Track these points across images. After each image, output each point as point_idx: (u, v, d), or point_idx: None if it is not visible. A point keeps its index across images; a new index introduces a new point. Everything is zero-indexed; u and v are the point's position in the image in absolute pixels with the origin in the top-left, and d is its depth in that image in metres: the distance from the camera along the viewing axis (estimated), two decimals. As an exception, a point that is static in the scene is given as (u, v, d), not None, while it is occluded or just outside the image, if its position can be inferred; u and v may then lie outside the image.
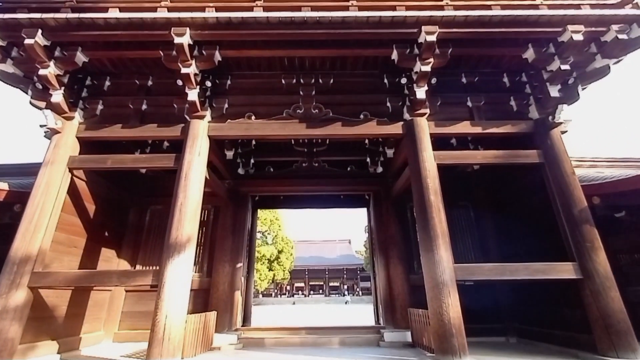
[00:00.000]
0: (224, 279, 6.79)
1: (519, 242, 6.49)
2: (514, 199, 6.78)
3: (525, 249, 6.25)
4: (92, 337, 6.10)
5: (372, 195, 7.96)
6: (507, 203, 7.03)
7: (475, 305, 5.47)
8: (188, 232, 4.78)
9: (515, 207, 6.73)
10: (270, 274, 37.43)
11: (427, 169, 5.14)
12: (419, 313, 5.48)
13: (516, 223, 6.70)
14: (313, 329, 6.55)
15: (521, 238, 6.47)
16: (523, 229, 6.44)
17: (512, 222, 6.84)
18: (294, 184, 7.76)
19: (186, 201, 4.92)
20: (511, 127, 5.61)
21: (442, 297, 4.39)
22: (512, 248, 6.66)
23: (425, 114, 5.58)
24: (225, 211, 7.43)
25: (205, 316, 5.51)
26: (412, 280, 6.93)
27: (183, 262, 4.60)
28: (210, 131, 5.57)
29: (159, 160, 5.42)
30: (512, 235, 6.74)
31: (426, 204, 4.93)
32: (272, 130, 5.61)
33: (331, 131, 5.61)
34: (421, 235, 4.87)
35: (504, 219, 7.12)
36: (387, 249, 7.16)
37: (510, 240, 6.79)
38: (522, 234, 6.45)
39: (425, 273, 4.70)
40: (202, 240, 7.34)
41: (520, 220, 6.55)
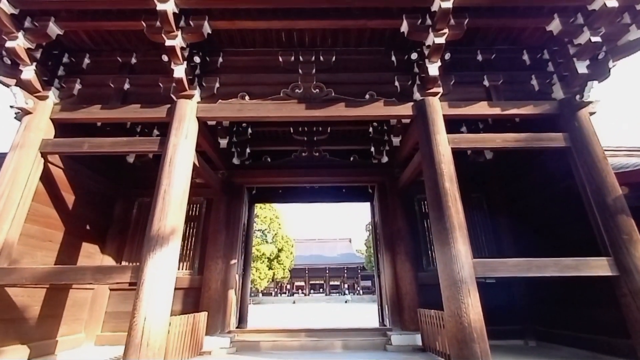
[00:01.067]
0: (217, 276, 6.25)
1: (539, 236, 5.94)
2: (532, 189, 6.23)
3: (546, 243, 5.69)
4: (71, 340, 5.56)
5: (376, 187, 7.41)
6: (524, 194, 6.48)
7: (488, 304, 4.87)
8: (172, 223, 4.23)
9: (533, 198, 6.18)
10: (270, 273, 37.03)
11: (442, 154, 4.59)
12: (431, 314, 4.93)
13: (535, 215, 6.15)
14: (313, 331, 6.01)
15: (541, 232, 5.93)
16: (543, 221, 5.89)
17: (530, 214, 6.29)
18: (293, 174, 7.21)
19: (170, 189, 4.37)
20: (533, 108, 5.05)
21: (461, 296, 3.84)
22: (531, 243, 6.11)
23: (437, 94, 5.03)
24: (219, 204, 6.88)
25: (193, 317, 4.97)
26: (421, 278, 6.40)
27: (166, 257, 4.06)
28: (199, 112, 5.02)
29: (141, 144, 4.86)
30: (531, 228, 6.19)
31: (441, 192, 4.37)
32: (268, 111, 5.06)
33: (333, 112, 5.05)
34: (435, 227, 4.31)
35: (521, 211, 6.57)
36: (393, 245, 6.61)
37: (528, 235, 6.24)
38: (542, 228, 5.91)
39: (440, 269, 4.15)
40: (194, 235, 6.81)
41: (540, 213, 6.00)
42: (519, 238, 6.50)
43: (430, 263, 6.63)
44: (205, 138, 5.78)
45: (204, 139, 5.73)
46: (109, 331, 6.02)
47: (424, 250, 6.72)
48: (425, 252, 6.70)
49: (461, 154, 4.73)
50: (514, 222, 6.71)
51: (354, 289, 44.09)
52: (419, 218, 6.98)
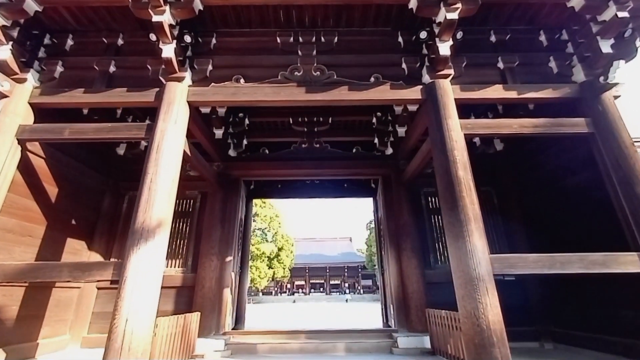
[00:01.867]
0: (211, 274, 5.86)
1: (555, 231, 5.56)
2: (546, 181, 5.84)
3: (563, 238, 5.31)
4: (54, 343, 5.19)
5: (380, 180, 7.02)
6: (537, 187, 6.09)
7: (500, 303, 4.53)
8: (159, 214, 3.85)
9: (548, 191, 5.79)
10: (270, 272, 36.70)
11: (454, 140, 4.20)
12: (442, 315, 4.55)
13: (550, 209, 5.76)
14: (314, 333, 5.63)
15: (557, 226, 5.55)
16: (559, 215, 5.51)
17: (544, 208, 5.91)
18: (292, 167, 6.82)
19: (157, 177, 3.98)
20: (552, 92, 4.65)
21: (478, 295, 3.45)
22: (546, 238, 5.72)
23: (449, 76, 4.64)
24: (214, 197, 6.50)
25: (184, 318, 4.59)
26: (428, 276, 6.02)
27: (152, 252, 3.67)
28: (190, 96, 4.63)
29: (127, 130, 4.47)
30: (545, 223, 5.81)
31: (454, 181, 3.99)
32: (265, 95, 4.67)
33: (336, 96, 4.66)
34: (448, 220, 3.93)
35: (534, 205, 6.19)
36: (399, 241, 6.23)
37: (542, 230, 5.86)
38: (558, 222, 5.52)
39: (453, 266, 3.77)
40: (187, 230, 6.43)
41: (556, 206, 5.61)
42: (532, 233, 6.12)
43: (437, 260, 6.25)
44: (198, 127, 5.40)
45: (197, 128, 5.36)
46: (96, 332, 5.64)
47: (431, 247, 6.34)
48: (433, 249, 6.33)
49: (470, 146, 4.33)
50: (526, 216, 6.33)
51: (355, 288, 43.80)
52: (426, 213, 6.59)
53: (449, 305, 5.69)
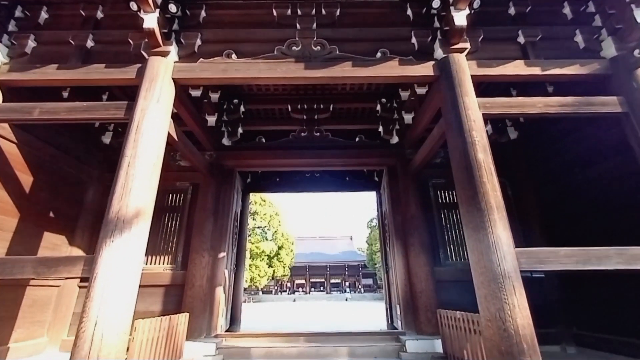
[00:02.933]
0: (202, 271, 5.40)
1: (578, 224, 5.07)
2: (566, 171, 5.35)
3: (587, 232, 4.82)
4: (29, 347, 4.73)
5: (386, 170, 6.54)
6: (556, 177, 5.60)
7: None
8: (138, 202, 3.38)
9: (569, 181, 5.30)
10: (269, 271, 36.34)
11: (472, 119, 3.72)
12: (457, 317, 4.08)
13: (571, 201, 5.28)
14: (314, 335, 5.16)
15: (580, 219, 5.06)
16: (583, 207, 5.02)
17: (564, 200, 5.42)
18: (291, 156, 6.34)
19: (136, 161, 3.51)
20: (579, 68, 4.17)
21: (504, 295, 2.98)
22: (566, 232, 5.25)
23: (464, 50, 4.16)
24: (206, 189, 6.02)
25: (169, 320, 4.12)
26: (438, 273, 5.55)
27: (128, 245, 3.20)
28: (175, 73, 4.15)
29: (103, 109, 3.99)
30: (566, 216, 5.32)
31: (472, 165, 3.51)
32: (259, 71, 4.18)
33: (338, 73, 4.18)
34: (467, 209, 3.45)
35: (553, 197, 5.70)
36: (406, 236, 5.75)
37: (563, 223, 5.37)
38: (581, 214, 5.04)
39: (473, 261, 3.29)
40: (177, 224, 5.95)
41: (578, 198, 5.13)
42: (551, 227, 5.63)
43: (448, 256, 5.77)
44: (188, 111, 4.93)
45: (186, 112, 4.90)
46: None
47: (441, 242, 5.86)
48: (443, 245, 5.84)
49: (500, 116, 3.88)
50: (544, 209, 5.84)
51: (355, 287, 43.44)
52: (435, 205, 6.11)
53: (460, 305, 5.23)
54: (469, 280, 5.55)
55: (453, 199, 6.16)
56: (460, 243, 5.83)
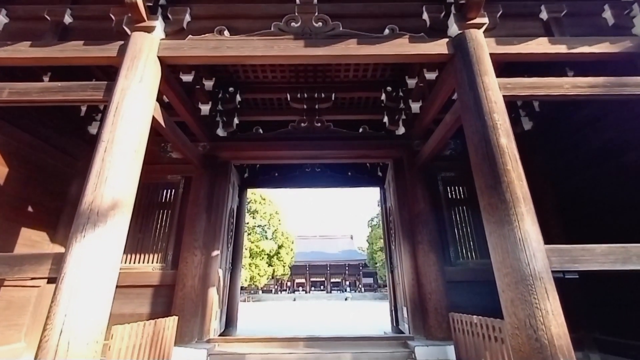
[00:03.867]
0: (194, 271, 5.00)
1: (602, 219, 4.66)
2: (589, 163, 4.93)
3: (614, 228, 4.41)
4: (5, 352, 4.32)
5: (391, 163, 6.12)
6: (576, 170, 5.18)
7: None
8: (115, 193, 2.97)
9: (592, 173, 4.89)
10: (269, 270, 36.07)
11: (492, 100, 3.31)
12: (473, 322, 3.67)
13: (595, 196, 4.86)
14: (315, 340, 4.76)
15: (606, 214, 4.65)
16: (609, 202, 4.61)
17: (586, 195, 5.01)
18: (290, 147, 5.93)
19: (114, 146, 3.11)
20: (609, 46, 3.76)
21: (535, 299, 2.58)
22: (590, 228, 4.83)
23: (482, 25, 3.75)
24: (199, 182, 5.61)
25: (154, 325, 3.72)
26: (448, 273, 5.14)
27: (103, 242, 2.80)
28: (161, 51, 3.74)
29: (80, 90, 3.57)
30: (589, 212, 4.91)
31: (494, 151, 3.10)
32: (254, 49, 3.77)
33: (341, 51, 3.76)
34: (488, 201, 3.04)
35: (573, 192, 5.29)
36: (413, 233, 5.35)
37: (583, 219, 4.96)
38: (607, 209, 4.62)
39: (496, 260, 2.88)
40: (168, 220, 5.55)
41: (603, 191, 4.71)
42: (571, 225, 5.22)
43: (459, 255, 5.36)
44: (178, 97, 4.53)
45: (176, 98, 4.49)
46: (58, 339, 4.78)
47: (451, 240, 5.45)
48: (453, 242, 5.43)
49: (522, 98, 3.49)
50: (563, 205, 5.43)
51: (356, 286, 43.18)
52: (444, 200, 5.70)
53: (473, 308, 4.84)
54: (482, 280, 5.20)
55: (463, 194, 5.77)
56: (471, 240, 5.43)
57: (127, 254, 5.25)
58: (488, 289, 5.14)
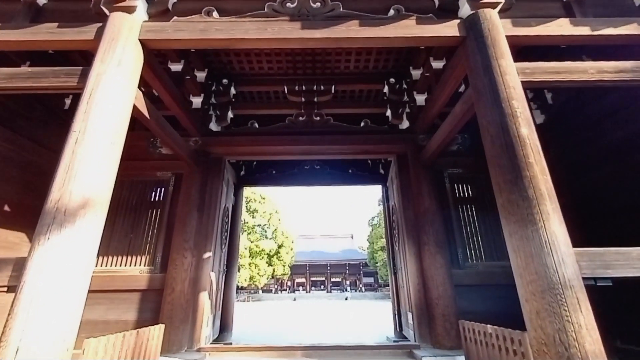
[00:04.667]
0: (183, 274, 4.66)
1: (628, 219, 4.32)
2: (608, 156, 4.59)
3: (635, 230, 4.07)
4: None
5: (395, 159, 5.77)
6: (594, 165, 4.84)
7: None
8: (86, 190, 2.63)
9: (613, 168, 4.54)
10: (269, 270, 35.83)
11: (511, 86, 2.97)
12: (488, 332, 3.33)
13: (616, 192, 4.52)
14: (313, 349, 4.42)
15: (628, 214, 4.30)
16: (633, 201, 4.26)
17: (606, 191, 4.66)
18: (287, 142, 5.58)
19: (86, 137, 2.76)
20: (638, 27, 3.41)
21: (565, 310, 2.24)
22: (613, 229, 4.49)
23: (497, 5, 3.41)
24: (190, 180, 5.27)
25: (137, 335, 3.38)
26: (457, 277, 4.79)
27: (71, 246, 2.46)
28: (143, 33, 3.39)
29: (52, 76, 3.23)
30: (611, 210, 4.56)
31: (514, 142, 2.76)
32: (245, 32, 3.42)
33: (342, 33, 3.41)
34: (507, 198, 2.69)
35: (591, 189, 4.94)
36: (419, 233, 5.00)
37: (606, 219, 4.62)
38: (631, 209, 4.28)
39: (518, 265, 2.54)
40: (157, 220, 5.20)
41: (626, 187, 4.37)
42: (591, 226, 4.86)
43: (467, 257, 5.01)
44: (165, 87, 4.18)
45: (164, 89, 4.15)
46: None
47: (459, 241, 5.10)
48: (461, 243, 5.08)
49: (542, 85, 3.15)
50: (581, 204, 5.07)
51: (356, 286, 42.93)
52: (452, 199, 5.35)
53: (483, 314, 4.52)
54: (492, 284, 4.84)
55: (472, 192, 5.41)
56: (481, 242, 5.08)
57: (113, 256, 4.91)
58: (499, 294, 4.83)
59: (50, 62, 4.03)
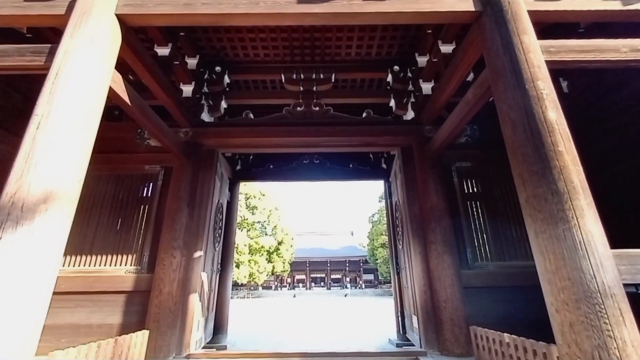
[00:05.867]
0: (172, 275, 4.33)
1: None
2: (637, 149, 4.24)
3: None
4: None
5: (399, 152, 5.42)
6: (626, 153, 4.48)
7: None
8: (48, 182, 2.28)
9: (637, 161, 4.19)
10: (269, 266, 35.70)
11: (535, 65, 2.61)
12: (505, 341, 2.99)
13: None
14: (313, 356, 4.09)
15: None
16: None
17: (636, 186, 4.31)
18: (284, 134, 5.22)
19: (49, 121, 2.41)
20: (675, 2, 3.04)
21: (606, 323, 1.89)
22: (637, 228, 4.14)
23: (518, -24, 3.03)
24: (180, 174, 4.92)
25: (115, 344, 3.05)
26: (465, 278, 4.46)
27: (28, 245, 2.12)
28: (120, 8, 3.03)
29: (17, 54, 2.86)
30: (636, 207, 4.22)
31: (541, 128, 2.41)
32: (235, 6, 3.05)
33: (343, 8, 3.05)
34: (533, 192, 2.34)
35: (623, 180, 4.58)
36: (425, 231, 4.66)
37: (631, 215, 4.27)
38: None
39: (546, 270, 2.19)
40: (144, 217, 4.86)
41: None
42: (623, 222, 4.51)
43: (477, 257, 4.67)
44: (150, 72, 3.84)
45: (148, 73, 3.80)
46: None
47: (468, 240, 4.76)
48: (470, 242, 4.74)
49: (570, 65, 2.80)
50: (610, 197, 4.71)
51: (356, 283, 42.80)
52: (460, 195, 5.00)
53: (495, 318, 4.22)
54: (504, 286, 4.48)
55: (481, 187, 5.07)
56: (491, 240, 4.74)
57: (97, 255, 4.58)
58: (511, 297, 4.49)
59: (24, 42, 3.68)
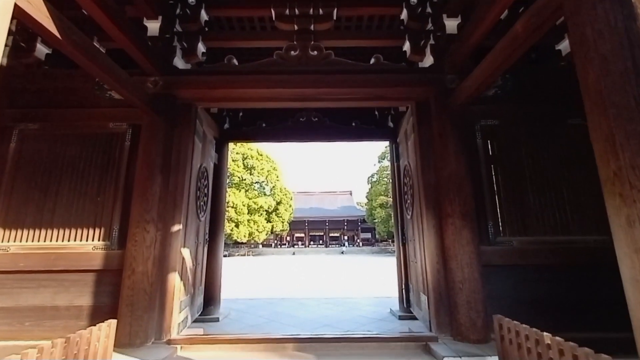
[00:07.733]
0: (146, 252, 3.72)
1: None
2: None
3: None
4: None
5: (413, 107, 4.54)
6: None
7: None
8: None
9: None
10: (268, 226, 36.26)
11: (649, -33, 1.70)
12: (545, 341, 2.43)
13: None
14: (308, 341, 3.63)
15: None
16: None
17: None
18: (275, 84, 4.30)
19: None
20: None
21: None
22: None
23: None
24: (150, 133, 4.09)
25: (68, 343, 2.48)
26: (486, 255, 3.87)
27: None
28: None
29: None
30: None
31: (652, 64, 1.58)
32: None
33: None
34: (629, 161, 1.60)
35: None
36: (441, 201, 3.98)
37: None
38: None
39: None
40: (112, 186, 4.12)
41: None
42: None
43: (500, 231, 4.04)
44: (119, 26, 2.83)
45: (94, 4, 2.79)
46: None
47: (490, 211, 4.08)
48: (492, 214, 4.07)
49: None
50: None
51: (354, 241, 43.88)
52: (484, 159, 4.23)
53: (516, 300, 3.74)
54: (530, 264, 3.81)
55: (510, 149, 4.27)
56: (517, 212, 4.08)
57: (59, 228, 3.94)
58: (538, 276, 3.92)
59: None
